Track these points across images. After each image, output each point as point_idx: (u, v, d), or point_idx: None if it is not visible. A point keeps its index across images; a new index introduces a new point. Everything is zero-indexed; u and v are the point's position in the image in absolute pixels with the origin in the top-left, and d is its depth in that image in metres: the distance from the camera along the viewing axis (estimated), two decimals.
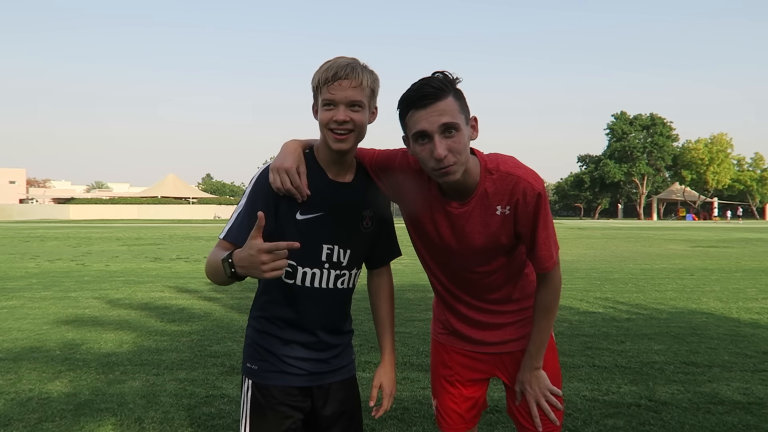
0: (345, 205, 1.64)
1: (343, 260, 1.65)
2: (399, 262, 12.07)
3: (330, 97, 1.52)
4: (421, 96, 1.45)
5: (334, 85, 1.51)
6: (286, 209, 1.56)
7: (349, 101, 1.52)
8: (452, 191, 1.63)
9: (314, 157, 1.64)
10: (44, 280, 9.66)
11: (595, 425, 3.30)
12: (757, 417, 3.41)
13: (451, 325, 1.86)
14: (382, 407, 1.78)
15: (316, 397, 1.68)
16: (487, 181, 1.59)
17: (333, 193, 1.62)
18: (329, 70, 1.52)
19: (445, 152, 1.45)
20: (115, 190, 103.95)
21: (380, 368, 1.81)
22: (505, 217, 1.61)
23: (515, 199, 1.58)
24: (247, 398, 1.65)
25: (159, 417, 3.40)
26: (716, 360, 4.63)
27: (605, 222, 55.35)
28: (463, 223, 1.64)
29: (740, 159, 73.70)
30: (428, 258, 1.81)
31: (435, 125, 1.44)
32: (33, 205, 65.62)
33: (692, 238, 22.87)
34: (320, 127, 1.58)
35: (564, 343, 5.13)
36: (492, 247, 1.66)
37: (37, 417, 3.39)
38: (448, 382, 1.89)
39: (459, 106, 1.48)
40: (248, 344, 1.70)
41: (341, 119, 1.52)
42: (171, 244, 18.61)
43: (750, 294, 8.12)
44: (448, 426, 1.90)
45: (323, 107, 1.54)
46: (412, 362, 4.58)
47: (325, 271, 1.63)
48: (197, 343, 5.15)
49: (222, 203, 69.57)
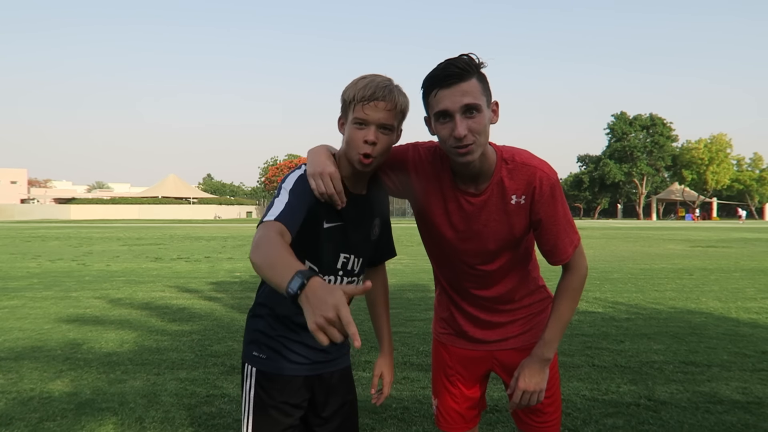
0: (360, 216, 1.68)
1: (356, 268, 1.71)
2: (399, 261, 12.10)
3: (363, 116, 1.51)
4: (446, 75, 1.46)
5: (370, 105, 1.50)
6: (315, 215, 1.57)
7: (381, 123, 1.52)
8: (467, 178, 1.63)
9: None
10: (45, 279, 9.68)
11: (594, 425, 3.31)
12: (755, 416, 3.42)
13: (456, 322, 1.87)
14: (383, 394, 1.85)
15: (317, 389, 1.70)
16: (503, 170, 1.61)
17: (352, 204, 1.64)
18: (367, 88, 1.51)
19: (465, 131, 1.46)
20: (116, 190, 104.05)
21: (380, 358, 1.88)
22: (521, 207, 1.62)
23: (531, 189, 1.60)
24: (250, 388, 1.65)
25: (160, 416, 3.41)
26: (715, 359, 4.64)
27: (605, 222, 55.37)
28: (478, 213, 1.65)
29: (739, 159, 73.72)
30: (438, 253, 1.81)
31: (457, 105, 1.46)
32: (34, 205, 65.70)
33: (691, 238, 22.88)
34: (346, 143, 1.57)
35: (563, 343, 5.14)
36: (505, 237, 1.67)
37: (38, 416, 3.41)
38: (449, 382, 1.90)
39: (482, 88, 1.49)
40: (254, 333, 1.70)
41: (371, 140, 1.51)
42: (172, 244, 18.63)
43: (749, 294, 8.13)
44: (448, 425, 1.91)
45: (354, 124, 1.53)
46: (412, 362, 4.60)
47: (339, 278, 1.67)
48: (198, 343, 5.17)
49: (222, 203, 69.62)
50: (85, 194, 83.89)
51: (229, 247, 17.74)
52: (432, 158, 1.68)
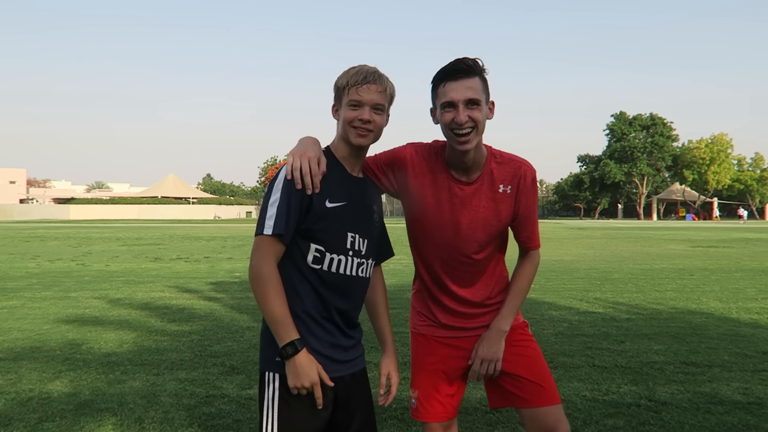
0: (360, 197, 1.78)
1: (363, 249, 1.77)
2: (399, 262, 12.12)
3: (358, 98, 1.68)
4: (455, 70, 1.74)
5: (363, 87, 1.68)
6: (318, 198, 1.65)
7: (374, 104, 1.70)
8: (461, 169, 1.86)
9: (332, 154, 1.77)
10: (44, 280, 9.67)
11: (594, 425, 3.30)
12: (756, 417, 3.41)
13: (434, 315, 1.99)
14: (390, 394, 1.88)
15: (340, 389, 1.70)
16: (492, 163, 1.88)
17: (351, 185, 1.76)
18: (359, 74, 1.69)
19: (466, 118, 1.73)
20: (115, 190, 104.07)
21: (386, 358, 1.91)
22: (507, 195, 1.88)
23: (517, 180, 1.88)
24: (273, 393, 1.63)
25: (159, 417, 3.40)
26: (716, 360, 4.63)
27: (605, 222, 55.37)
28: (470, 200, 1.86)
29: (740, 159, 73.70)
30: (429, 246, 1.93)
31: (461, 96, 1.73)
32: (33, 205, 65.69)
33: (692, 238, 22.88)
34: (343, 124, 1.72)
35: (564, 343, 5.14)
36: (493, 224, 1.88)
37: (37, 417, 3.40)
38: (430, 371, 1.98)
39: (483, 87, 1.77)
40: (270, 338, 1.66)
41: (366, 118, 1.68)
42: (171, 244, 18.62)
43: (750, 294, 8.13)
44: (428, 414, 1.97)
45: (349, 107, 1.70)
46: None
47: (349, 258, 1.72)
48: (197, 343, 5.16)
49: (222, 203, 69.58)
50: (85, 194, 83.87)
51: (229, 247, 17.73)
52: (428, 155, 1.91)
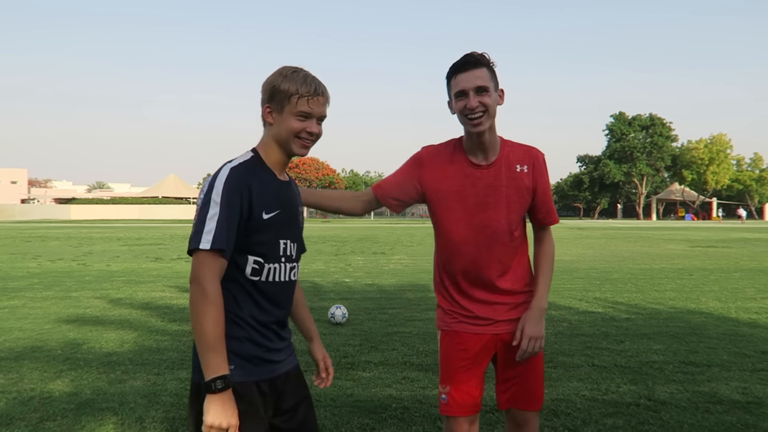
0: (290, 202, 1.75)
1: (293, 253, 1.76)
2: (399, 261, 12.09)
3: (308, 110, 1.64)
4: (464, 63, 1.94)
5: (314, 99, 1.64)
6: (255, 210, 1.61)
7: (321, 116, 1.69)
8: (479, 153, 2.03)
9: (263, 161, 1.70)
10: (45, 279, 9.68)
11: (594, 425, 3.31)
12: (755, 416, 3.43)
13: (468, 310, 2.08)
14: (330, 375, 1.95)
15: (279, 388, 1.70)
16: (506, 148, 2.07)
17: (282, 192, 1.72)
18: (309, 84, 1.63)
19: (476, 104, 1.92)
20: (116, 190, 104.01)
21: (315, 344, 1.96)
22: (524, 174, 2.05)
23: (531, 160, 2.06)
24: None
25: (160, 416, 3.42)
26: (715, 359, 4.64)
27: (604, 222, 55.37)
28: (492, 182, 2.02)
29: (739, 159, 73.67)
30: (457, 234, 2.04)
31: (471, 85, 1.92)
32: (34, 205, 65.67)
33: (691, 238, 22.89)
34: (286, 133, 1.65)
35: (563, 343, 5.15)
36: (517, 201, 2.03)
37: (38, 416, 3.41)
38: (462, 366, 2.07)
39: (490, 76, 1.96)
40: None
41: (314, 132, 1.67)
42: (172, 244, 18.63)
43: (749, 294, 8.14)
44: (460, 408, 2.05)
45: (296, 117, 1.64)
46: (412, 362, 4.60)
47: (282, 265, 1.70)
48: None
49: None
50: (86, 194, 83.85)
51: None
52: (444, 148, 2.09)
